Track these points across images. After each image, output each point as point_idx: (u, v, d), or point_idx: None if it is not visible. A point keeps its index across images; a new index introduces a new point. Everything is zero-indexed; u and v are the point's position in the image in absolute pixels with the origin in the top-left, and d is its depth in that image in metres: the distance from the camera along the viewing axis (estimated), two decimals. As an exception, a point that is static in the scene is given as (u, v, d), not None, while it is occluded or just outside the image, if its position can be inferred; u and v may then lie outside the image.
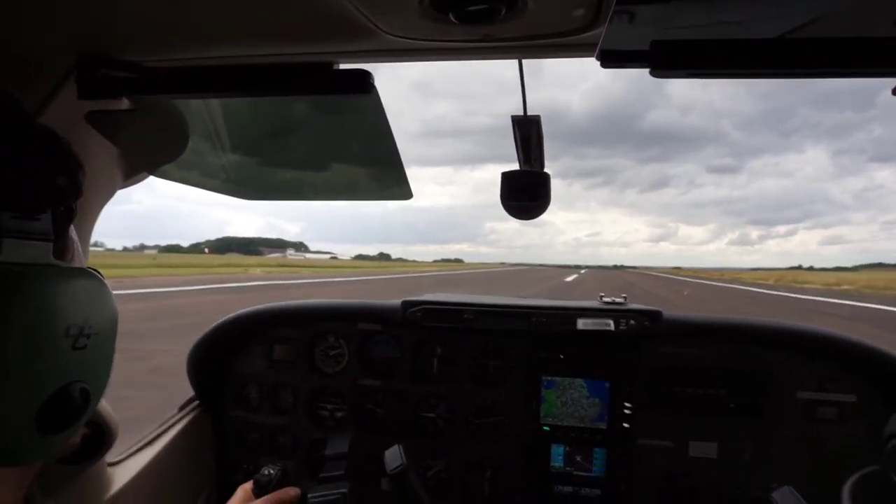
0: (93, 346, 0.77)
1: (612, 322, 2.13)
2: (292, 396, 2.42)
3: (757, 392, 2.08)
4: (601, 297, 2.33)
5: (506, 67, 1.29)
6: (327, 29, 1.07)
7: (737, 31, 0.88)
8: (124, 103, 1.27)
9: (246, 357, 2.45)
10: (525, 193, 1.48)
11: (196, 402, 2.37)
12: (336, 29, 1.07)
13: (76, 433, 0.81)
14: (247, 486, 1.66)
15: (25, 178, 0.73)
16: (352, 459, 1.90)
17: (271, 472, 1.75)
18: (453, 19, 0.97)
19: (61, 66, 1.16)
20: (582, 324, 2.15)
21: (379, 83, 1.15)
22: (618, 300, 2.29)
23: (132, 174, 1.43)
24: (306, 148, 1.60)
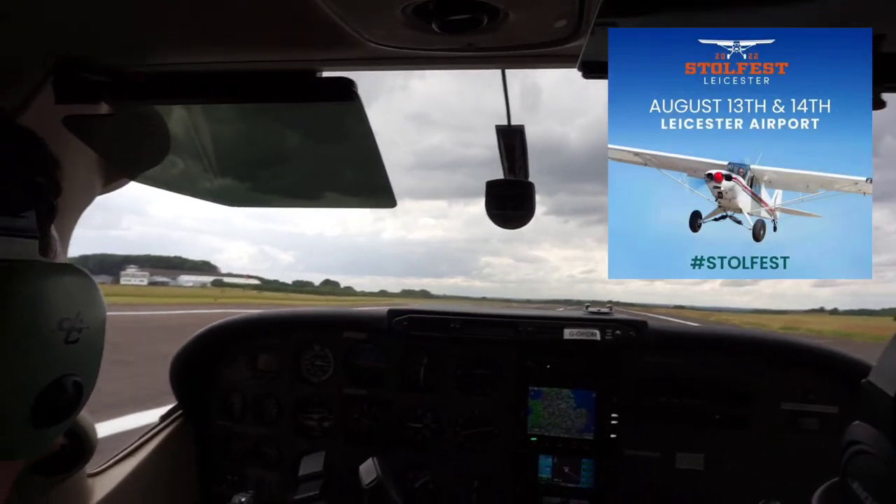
0: (84, 340, 0.77)
1: (598, 332, 2.12)
2: (277, 406, 2.39)
3: (742, 403, 2.08)
4: (587, 307, 2.33)
5: (502, 96, 1.29)
6: (310, 36, 1.07)
7: None
8: (103, 108, 1.25)
9: (230, 366, 2.42)
10: (510, 202, 1.48)
11: (179, 412, 2.34)
12: (319, 37, 1.06)
13: (67, 427, 0.81)
14: None
15: (7, 176, 0.74)
16: (328, 478, 1.88)
17: (242, 500, 1.73)
18: (436, 28, 0.97)
19: (40, 69, 1.14)
20: (568, 333, 2.14)
21: (372, 115, 1.15)
22: (603, 310, 2.29)
23: (112, 179, 1.41)
24: (288, 155, 1.60)
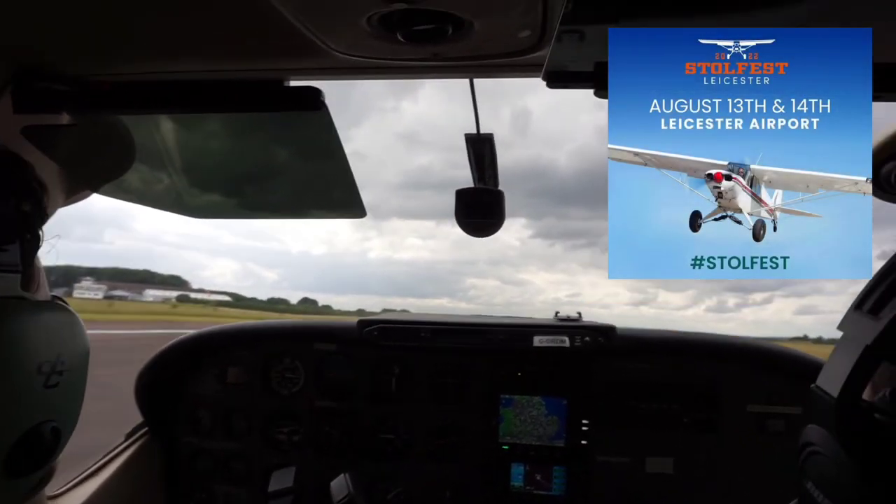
0: (64, 383, 0.73)
1: (567, 338, 2.15)
2: (246, 420, 2.34)
3: (710, 406, 2.13)
4: (557, 313, 2.35)
5: (493, 119, 1.29)
6: (276, 46, 1.06)
7: None
8: (65, 118, 1.21)
9: (198, 380, 2.36)
10: (480, 211, 1.49)
11: (144, 429, 2.26)
12: (285, 46, 1.05)
13: (44, 475, 0.76)
14: None
15: None
16: (299, 493, 1.83)
17: None
18: (401, 38, 0.97)
19: None
20: (538, 341, 2.16)
21: (362, 135, 1.13)
22: (572, 316, 2.31)
23: (73, 192, 1.35)
24: (254, 166, 1.58)
